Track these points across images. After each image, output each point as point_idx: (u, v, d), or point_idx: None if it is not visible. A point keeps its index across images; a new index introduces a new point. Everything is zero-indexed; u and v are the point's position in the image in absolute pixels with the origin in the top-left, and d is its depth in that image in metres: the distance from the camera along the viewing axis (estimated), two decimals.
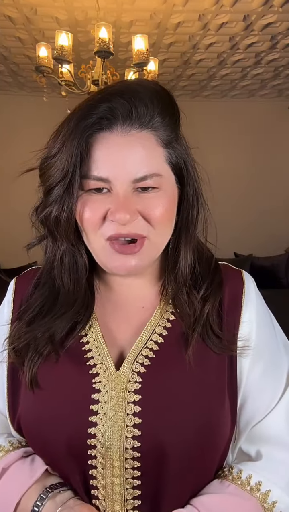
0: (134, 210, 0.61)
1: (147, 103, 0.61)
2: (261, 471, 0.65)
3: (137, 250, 0.63)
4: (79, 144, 0.59)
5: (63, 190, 0.61)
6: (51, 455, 0.66)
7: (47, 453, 0.67)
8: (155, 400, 0.63)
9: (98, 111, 0.60)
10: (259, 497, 0.63)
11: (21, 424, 0.69)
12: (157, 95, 0.62)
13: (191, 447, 0.62)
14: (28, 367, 0.66)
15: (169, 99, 0.64)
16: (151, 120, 0.61)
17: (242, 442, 0.69)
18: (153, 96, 0.62)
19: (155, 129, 0.62)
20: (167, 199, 0.63)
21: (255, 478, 0.64)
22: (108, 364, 0.66)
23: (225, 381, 0.67)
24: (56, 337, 0.67)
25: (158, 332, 0.68)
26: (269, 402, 0.68)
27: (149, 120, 0.61)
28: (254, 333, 0.69)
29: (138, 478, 0.62)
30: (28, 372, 0.65)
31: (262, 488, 0.64)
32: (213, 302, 0.68)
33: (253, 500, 0.63)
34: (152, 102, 0.61)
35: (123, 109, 0.60)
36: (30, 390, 0.66)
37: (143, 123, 0.61)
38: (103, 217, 0.62)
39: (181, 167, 0.66)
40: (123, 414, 0.62)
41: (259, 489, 0.64)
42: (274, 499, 0.63)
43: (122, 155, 0.60)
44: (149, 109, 0.61)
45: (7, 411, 0.71)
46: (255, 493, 0.63)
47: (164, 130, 0.63)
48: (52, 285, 0.70)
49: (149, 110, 0.61)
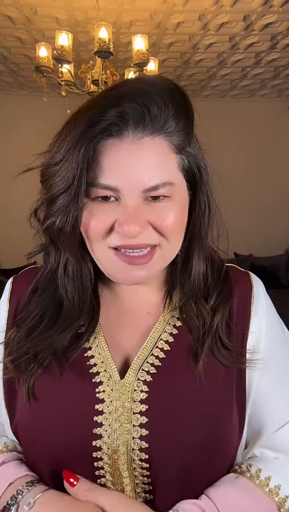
0: (145, 222, 0.56)
1: (160, 104, 0.55)
2: (280, 472, 0.63)
3: (146, 261, 0.59)
4: (86, 152, 0.54)
5: (68, 200, 0.56)
6: (53, 467, 0.61)
7: (48, 465, 0.62)
8: (162, 410, 0.60)
9: (108, 117, 0.54)
10: (277, 501, 0.61)
11: (18, 434, 0.66)
12: (171, 95, 0.57)
13: (199, 457, 0.60)
14: (26, 377, 0.62)
15: (184, 98, 0.59)
16: (165, 124, 0.56)
17: (255, 448, 0.67)
18: (166, 96, 0.56)
19: (169, 135, 0.57)
20: (178, 207, 0.59)
21: (275, 481, 0.61)
22: (112, 372, 0.62)
23: (233, 390, 0.64)
24: (59, 349, 0.62)
25: (164, 339, 0.65)
26: (284, 410, 0.66)
27: (162, 125, 0.56)
28: (264, 341, 0.66)
29: (149, 484, 0.60)
30: (26, 383, 0.62)
31: (281, 493, 0.61)
32: (223, 313, 0.65)
33: (269, 502, 0.61)
34: (165, 104, 0.56)
35: (135, 113, 0.54)
36: (27, 401, 0.62)
37: (156, 129, 0.56)
38: (110, 228, 0.57)
39: (194, 173, 0.61)
40: (129, 425, 0.59)
41: (278, 493, 0.61)
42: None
43: (133, 163, 0.55)
44: (163, 112, 0.55)
45: (5, 417, 0.68)
46: (273, 497, 0.61)
47: (178, 135, 0.58)
48: (53, 292, 0.66)
49: (162, 113, 0.56)
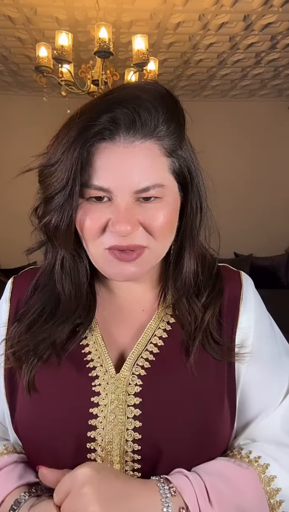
0: (136, 222, 0.60)
1: (150, 110, 0.59)
2: (262, 448, 0.65)
3: (134, 258, 0.62)
4: (80, 154, 0.57)
5: (63, 199, 0.60)
6: (48, 459, 0.64)
7: (43, 456, 0.65)
8: (155, 403, 0.63)
9: (100, 122, 0.57)
10: (257, 467, 0.62)
11: (18, 427, 0.68)
12: (161, 100, 0.60)
13: (191, 449, 0.62)
14: (26, 370, 0.65)
15: (174, 103, 0.62)
16: (156, 129, 0.59)
17: (241, 439, 0.69)
18: (157, 102, 0.59)
19: (159, 139, 0.60)
20: (168, 209, 0.62)
21: (255, 453, 0.64)
22: (108, 366, 0.65)
23: (224, 384, 0.67)
24: (58, 342, 0.66)
25: (158, 335, 0.68)
26: (269, 404, 0.68)
27: (153, 130, 0.59)
28: (252, 337, 0.69)
29: (139, 478, 0.62)
30: (26, 375, 0.65)
31: (261, 461, 0.63)
32: (214, 309, 0.68)
33: (250, 469, 0.62)
34: (156, 109, 0.59)
35: (126, 118, 0.58)
36: (27, 393, 0.65)
37: (147, 134, 0.59)
38: (103, 227, 0.61)
39: (184, 175, 0.64)
40: (124, 417, 0.62)
41: (258, 461, 0.63)
42: (273, 474, 0.62)
43: (124, 166, 0.58)
44: (153, 116, 0.59)
45: (6, 410, 0.70)
46: (253, 464, 0.63)
47: (169, 139, 0.60)
48: (52, 288, 0.69)
49: (153, 118, 0.59)
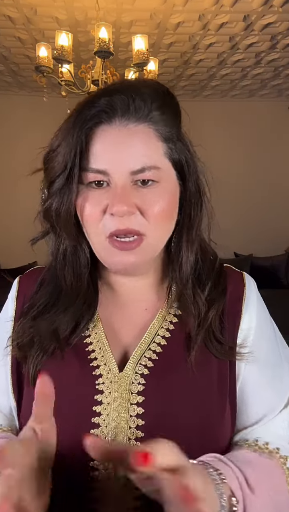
0: (132, 203, 0.61)
1: (145, 98, 0.62)
2: (277, 442, 0.66)
3: (134, 246, 0.62)
4: (78, 137, 0.60)
5: (63, 183, 0.62)
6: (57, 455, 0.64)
7: None
8: (158, 402, 0.63)
9: (98, 104, 0.61)
10: (279, 459, 0.64)
11: (22, 423, 0.68)
12: (157, 92, 0.64)
13: (193, 448, 0.61)
14: (32, 364, 0.66)
15: (169, 96, 0.65)
16: (149, 113, 0.62)
17: (237, 438, 0.69)
18: (152, 92, 0.63)
19: (154, 123, 0.62)
20: (167, 195, 0.63)
21: (273, 445, 0.65)
22: (112, 365, 0.66)
23: (227, 384, 0.67)
24: (61, 333, 0.67)
25: (161, 334, 0.68)
26: (272, 405, 0.68)
27: (146, 114, 0.62)
28: (253, 338, 0.69)
29: None
30: (32, 369, 0.66)
31: (281, 453, 0.65)
32: (217, 307, 0.68)
33: (275, 461, 0.64)
34: (150, 97, 0.62)
35: (122, 103, 0.61)
36: (32, 386, 0.65)
37: (141, 117, 0.62)
38: (103, 211, 0.62)
39: (182, 164, 0.65)
40: (126, 415, 0.63)
41: (278, 453, 0.65)
42: None
43: (120, 147, 0.61)
44: (147, 103, 0.62)
45: (14, 406, 0.71)
46: (274, 455, 0.64)
47: (164, 125, 0.63)
48: (56, 283, 0.70)
49: (146, 104, 0.62)
